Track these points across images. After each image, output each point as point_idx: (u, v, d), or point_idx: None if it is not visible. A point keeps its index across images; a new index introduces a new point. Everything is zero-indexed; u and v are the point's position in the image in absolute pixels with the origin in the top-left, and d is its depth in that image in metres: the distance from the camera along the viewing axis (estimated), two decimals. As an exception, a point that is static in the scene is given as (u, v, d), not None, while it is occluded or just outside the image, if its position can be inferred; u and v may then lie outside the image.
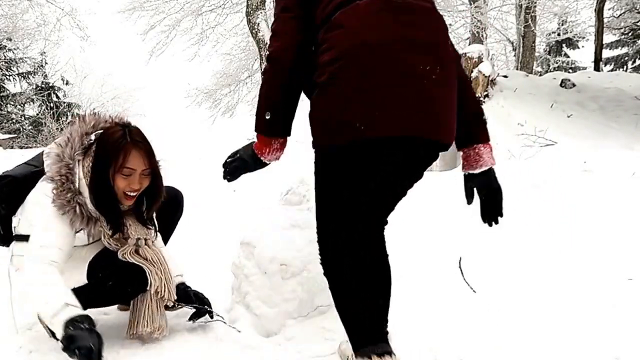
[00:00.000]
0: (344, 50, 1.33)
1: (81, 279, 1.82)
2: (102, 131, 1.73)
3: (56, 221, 1.67)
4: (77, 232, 1.74)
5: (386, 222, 1.62)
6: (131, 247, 1.81)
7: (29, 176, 1.77)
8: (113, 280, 1.79)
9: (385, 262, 1.52)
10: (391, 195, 1.57)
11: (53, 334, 1.90)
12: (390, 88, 1.31)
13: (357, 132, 1.30)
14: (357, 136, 1.31)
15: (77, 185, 1.68)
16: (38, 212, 1.69)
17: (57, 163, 1.68)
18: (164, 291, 1.83)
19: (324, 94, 1.36)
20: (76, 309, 1.60)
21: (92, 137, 1.73)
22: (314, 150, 1.46)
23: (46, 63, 19.97)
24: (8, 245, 1.85)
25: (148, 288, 1.82)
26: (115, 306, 2.18)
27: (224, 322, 1.93)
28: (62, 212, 1.66)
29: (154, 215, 2.00)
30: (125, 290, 1.84)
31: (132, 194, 1.73)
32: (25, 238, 1.71)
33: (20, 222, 1.77)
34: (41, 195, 1.70)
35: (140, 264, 1.80)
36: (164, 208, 2.01)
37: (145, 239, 1.85)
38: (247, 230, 2.10)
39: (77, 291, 1.79)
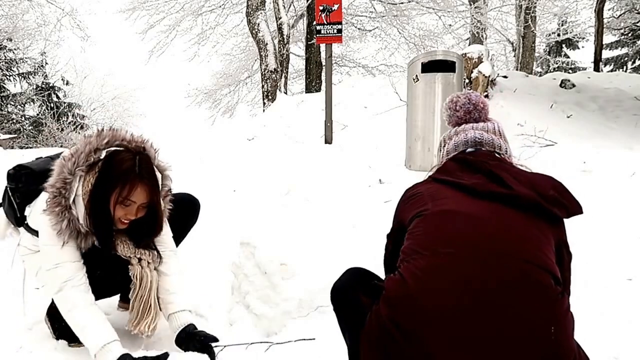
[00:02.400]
0: (395, 302, 1.16)
1: None
2: (112, 152, 1.69)
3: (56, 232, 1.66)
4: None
5: None
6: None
7: (46, 171, 1.74)
8: (101, 269, 1.77)
9: None
10: None
11: (55, 334, 1.91)
12: None
13: None
14: None
15: (70, 200, 1.65)
16: (42, 222, 1.68)
17: (56, 175, 1.66)
18: (141, 323, 1.79)
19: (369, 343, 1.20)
20: (112, 352, 1.59)
21: (103, 153, 1.70)
22: None
23: (46, 63, 19.94)
24: (20, 225, 1.89)
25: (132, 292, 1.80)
26: (116, 306, 2.19)
27: None
28: (52, 224, 1.64)
29: (167, 237, 1.93)
30: (115, 279, 1.82)
31: (126, 221, 1.72)
32: (34, 232, 1.77)
33: (31, 214, 1.80)
34: (42, 203, 1.69)
35: (127, 258, 1.77)
36: (180, 213, 1.97)
37: (140, 258, 1.79)
38: (247, 230, 2.10)
39: None
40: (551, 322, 1.08)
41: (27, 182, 1.87)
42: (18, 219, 1.91)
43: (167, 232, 1.92)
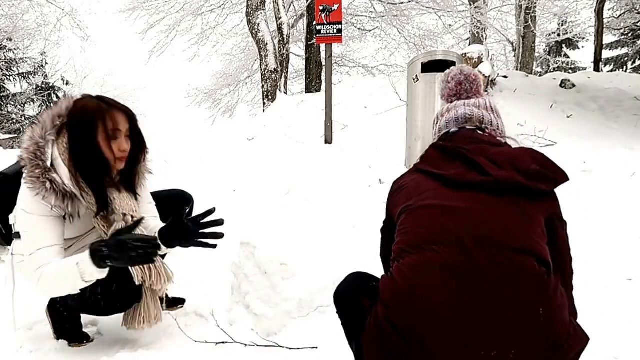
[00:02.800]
0: (390, 302, 1.17)
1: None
2: (71, 105, 1.67)
3: (36, 212, 1.60)
4: (55, 210, 1.62)
5: None
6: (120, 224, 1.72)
7: (20, 173, 1.69)
8: (102, 296, 1.72)
9: None
10: None
11: (55, 334, 1.91)
12: None
13: None
14: None
15: (48, 163, 1.61)
16: (24, 195, 1.63)
17: (28, 142, 1.64)
18: (158, 282, 1.78)
19: (370, 341, 1.20)
20: (85, 256, 1.54)
21: (67, 118, 1.67)
22: None
23: (46, 63, 19.96)
24: (10, 244, 1.83)
25: (142, 285, 1.77)
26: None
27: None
28: (35, 193, 1.58)
29: (146, 191, 1.89)
30: (115, 305, 1.80)
31: (123, 155, 1.68)
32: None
33: (16, 219, 1.76)
34: (22, 181, 1.64)
35: (131, 270, 1.72)
36: (173, 207, 1.93)
37: (132, 215, 1.75)
38: (247, 230, 2.10)
39: (71, 298, 1.73)
40: (539, 304, 1.09)
41: (1, 186, 1.83)
42: (4, 236, 1.85)
43: (149, 199, 1.89)
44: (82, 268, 1.52)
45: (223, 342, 1.87)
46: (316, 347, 1.78)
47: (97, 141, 1.62)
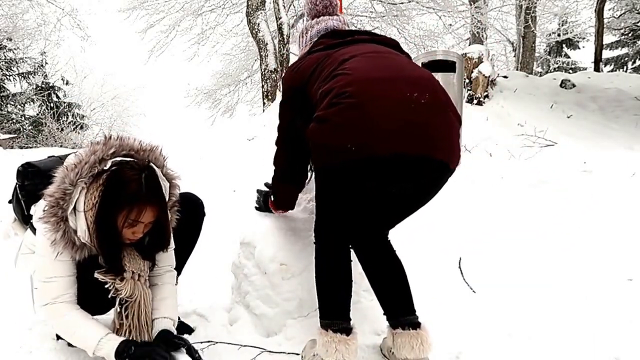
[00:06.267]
0: (338, 87, 1.47)
1: None
2: (117, 169, 1.60)
3: (51, 242, 1.61)
4: (61, 256, 1.63)
5: (382, 236, 1.79)
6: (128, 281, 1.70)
7: (53, 170, 1.66)
8: (88, 285, 1.68)
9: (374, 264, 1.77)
10: (381, 213, 1.68)
11: (58, 336, 1.90)
12: (379, 114, 1.42)
13: (348, 154, 1.42)
14: (348, 158, 1.43)
15: (68, 211, 1.58)
16: (38, 229, 1.64)
17: (56, 185, 1.59)
18: (134, 333, 1.71)
19: (322, 123, 1.48)
20: (110, 342, 1.60)
21: (109, 163, 1.60)
22: (315, 170, 1.65)
23: (46, 63, 19.93)
24: (27, 223, 1.86)
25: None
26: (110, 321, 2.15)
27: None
28: (48, 233, 1.58)
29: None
30: (103, 297, 1.72)
31: (133, 238, 1.65)
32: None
33: (36, 214, 1.76)
34: (38, 220, 1.64)
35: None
36: (183, 223, 1.88)
37: (139, 274, 1.72)
38: (247, 230, 2.10)
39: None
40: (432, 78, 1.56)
41: (33, 180, 1.85)
42: (25, 217, 1.89)
43: (171, 246, 1.86)
44: (100, 348, 1.59)
45: (220, 342, 1.87)
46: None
47: (116, 220, 1.58)
